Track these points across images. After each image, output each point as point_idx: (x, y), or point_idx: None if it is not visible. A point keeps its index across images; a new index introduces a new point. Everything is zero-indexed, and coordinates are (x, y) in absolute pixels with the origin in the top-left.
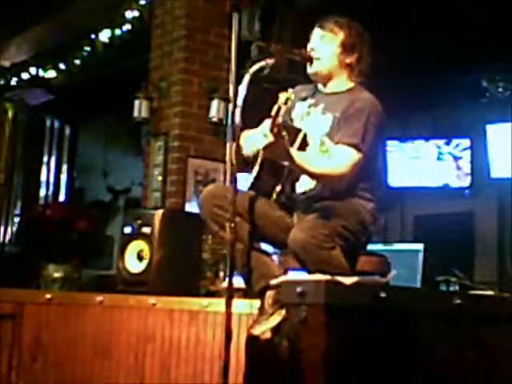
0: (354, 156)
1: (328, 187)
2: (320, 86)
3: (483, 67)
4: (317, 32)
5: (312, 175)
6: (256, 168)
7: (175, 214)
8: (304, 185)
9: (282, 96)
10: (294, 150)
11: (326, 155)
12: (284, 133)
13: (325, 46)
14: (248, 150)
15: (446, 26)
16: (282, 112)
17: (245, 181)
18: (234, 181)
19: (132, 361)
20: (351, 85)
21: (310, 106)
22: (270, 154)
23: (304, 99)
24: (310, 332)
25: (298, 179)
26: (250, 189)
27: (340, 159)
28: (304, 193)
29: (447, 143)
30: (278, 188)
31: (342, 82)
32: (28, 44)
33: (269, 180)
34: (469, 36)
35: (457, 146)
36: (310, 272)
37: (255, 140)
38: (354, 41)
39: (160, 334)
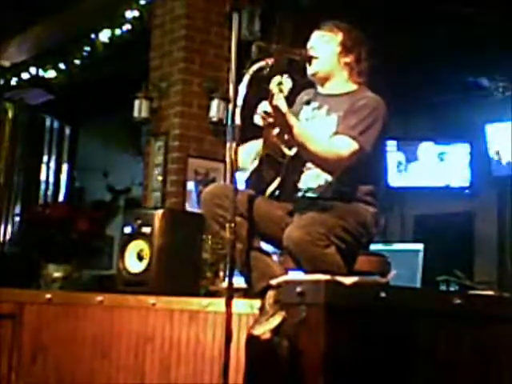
0: (352, 144)
1: (330, 189)
2: (321, 88)
3: (483, 67)
4: (316, 33)
5: (309, 153)
6: (255, 163)
7: (175, 214)
8: (306, 185)
9: (275, 79)
10: (295, 121)
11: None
12: (284, 108)
13: (324, 45)
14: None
15: (446, 25)
16: (276, 96)
17: (243, 177)
18: (233, 181)
19: (132, 361)
20: (354, 86)
21: (313, 110)
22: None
23: (307, 103)
24: (310, 332)
25: (299, 179)
26: (247, 181)
27: (339, 145)
28: (305, 194)
29: (447, 143)
30: (276, 183)
31: (342, 83)
32: (28, 44)
33: (267, 175)
34: (469, 35)
35: (457, 145)
36: (305, 271)
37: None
38: (352, 41)
39: (160, 334)
